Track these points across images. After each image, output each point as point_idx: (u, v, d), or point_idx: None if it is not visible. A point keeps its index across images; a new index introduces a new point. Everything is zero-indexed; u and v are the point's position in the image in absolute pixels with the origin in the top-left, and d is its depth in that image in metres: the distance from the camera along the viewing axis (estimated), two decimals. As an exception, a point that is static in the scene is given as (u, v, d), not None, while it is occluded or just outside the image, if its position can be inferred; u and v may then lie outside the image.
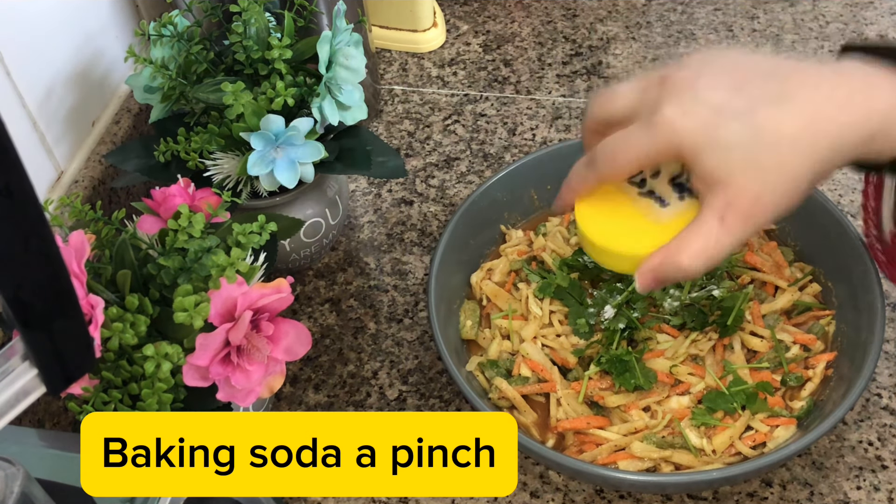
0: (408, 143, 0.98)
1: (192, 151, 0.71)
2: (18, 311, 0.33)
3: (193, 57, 0.73)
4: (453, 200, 0.92)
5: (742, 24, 1.08)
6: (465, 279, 0.80)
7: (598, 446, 0.68)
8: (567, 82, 1.03)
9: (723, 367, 0.71)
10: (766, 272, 0.76)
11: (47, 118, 0.78)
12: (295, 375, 0.79)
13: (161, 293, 0.59)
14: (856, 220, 0.86)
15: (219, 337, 0.56)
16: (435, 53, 1.08)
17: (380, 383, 0.78)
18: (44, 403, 0.72)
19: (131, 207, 0.67)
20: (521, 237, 0.82)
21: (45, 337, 0.35)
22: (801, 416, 0.68)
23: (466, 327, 0.76)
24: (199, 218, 0.58)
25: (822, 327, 0.73)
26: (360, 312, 0.83)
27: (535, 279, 0.77)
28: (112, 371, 0.56)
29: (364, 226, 0.90)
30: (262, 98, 0.70)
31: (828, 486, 0.69)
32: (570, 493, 0.70)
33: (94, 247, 0.61)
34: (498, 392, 0.71)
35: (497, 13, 1.13)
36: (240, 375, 0.57)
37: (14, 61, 0.73)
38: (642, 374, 0.69)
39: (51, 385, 0.37)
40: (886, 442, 0.71)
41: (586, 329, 0.73)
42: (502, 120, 0.99)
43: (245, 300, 0.57)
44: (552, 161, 0.83)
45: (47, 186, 0.79)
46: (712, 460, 0.67)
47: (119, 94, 0.89)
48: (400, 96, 1.03)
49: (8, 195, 0.30)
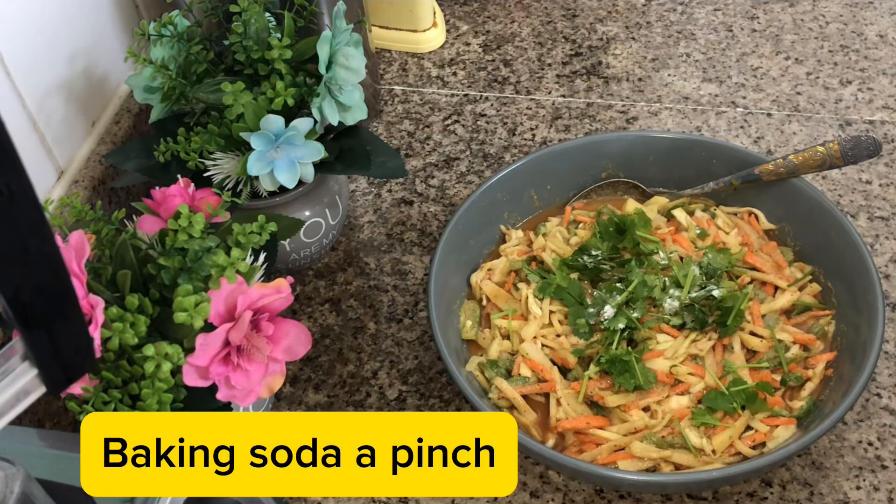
0: (408, 143, 0.98)
1: (192, 151, 0.71)
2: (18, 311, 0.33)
3: (193, 57, 0.73)
4: (453, 200, 0.92)
5: (742, 24, 1.08)
6: (465, 279, 0.80)
7: (598, 446, 0.68)
8: (567, 82, 1.03)
9: (723, 367, 0.71)
10: (766, 272, 0.76)
11: (47, 118, 0.78)
12: (295, 375, 0.79)
13: (161, 293, 0.59)
14: (856, 220, 0.86)
15: (219, 337, 0.56)
16: (435, 53, 1.08)
17: (380, 383, 0.78)
18: (44, 403, 0.72)
19: (131, 207, 0.67)
20: (520, 237, 0.82)
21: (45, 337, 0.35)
22: (801, 416, 0.68)
23: (466, 327, 0.76)
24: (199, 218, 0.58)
25: (822, 327, 0.73)
26: (360, 312, 0.83)
27: (535, 279, 0.77)
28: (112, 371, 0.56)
29: (364, 226, 0.90)
30: (262, 98, 0.70)
31: (828, 486, 0.69)
32: (570, 493, 0.70)
33: (94, 247, 0.61)
34: (498, 392, 0.71)
35: (497, 13, 1.13)
36: (240, 375, 0.57)
37: (14, 61, 0.73)
38: (642, 374, 0.69)
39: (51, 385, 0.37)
40: (886, 442, 0.71)
41: (586, 329, 0.73)
42: (502, 120, 0.99)
43: (245, 300, 0.57)
44: (552, 161, 0.83)
45: (47, 186, 0.79)
46: (712, 460, 0.67)
47: (119, 94, 0.89)
48: (400, 96, 1.03)
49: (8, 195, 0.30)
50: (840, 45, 1.05)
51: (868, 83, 1.00)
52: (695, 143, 0.84)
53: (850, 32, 1.06)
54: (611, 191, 0.85)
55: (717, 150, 0.83)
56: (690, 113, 0.98)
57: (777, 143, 0.94)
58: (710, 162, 0.83)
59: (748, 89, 1.00)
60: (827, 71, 1.02)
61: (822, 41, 1.06)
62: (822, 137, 0.94)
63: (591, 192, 0.85)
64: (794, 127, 0.96)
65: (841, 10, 1.09)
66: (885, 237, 0.85)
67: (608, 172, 0.85)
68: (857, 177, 0.90)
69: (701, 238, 0.79)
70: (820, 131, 0.95)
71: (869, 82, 1.00)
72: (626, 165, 0.85)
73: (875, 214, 0.87)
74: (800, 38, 1.06)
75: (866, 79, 1.00)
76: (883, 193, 0.89)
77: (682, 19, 1.10)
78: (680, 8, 1.11)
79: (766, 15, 1.09)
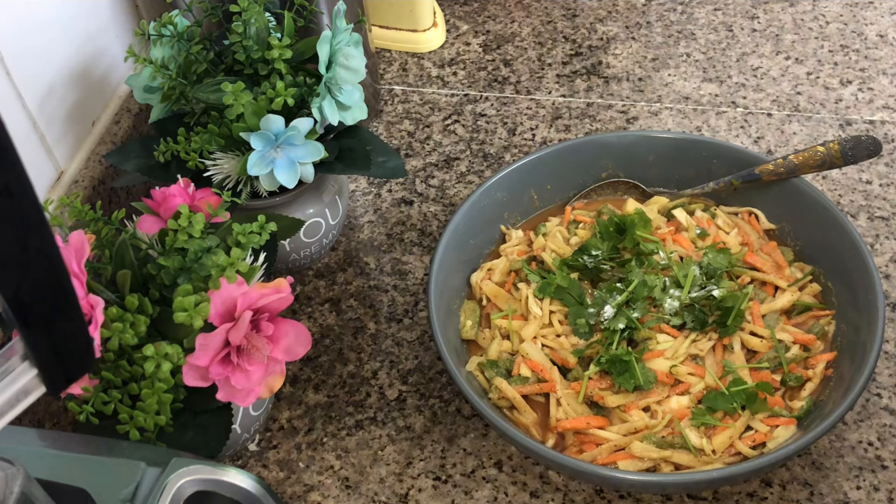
0: (408, 143, 0.98)
1: (192, 151, 0.71)
2: (18, 311, 0.33)
3: (193, 57, 0.73)
4: (453, 200, 0.92)
5: (742, 24, 1.08)
6: (465, 279, 0.80)
7: (598, 446, 0.68)
8: (567, 82, 1.03)
9: (723, 367, 0.71)
10: (766, 272, 0.76)
11: (47, 118, 0.78)
12: (295, 375, 0.79)
13: (161, 293, 0.59)
14: (856, 220, 0.86)
15: (219, 337, 0.56)
16: (435, 53, 1.08)
17: (380, 383, 0.78)
18: (44, 403, 0.72)
19: (131, 207, 0.67)
20: (521, 237, 0.82)
21: (45, 337, 0.35)
22: (800, 416, 0.68)
23: (466, 327, 0.76)
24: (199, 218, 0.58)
25: (822, 327, 0.73)
26: (360, 312, 0.83)
27: (535, 279, 0.77)
28: (112, 371, 0.56)
29: (364, 226, 0.90)
30: (262, 98, 0.70)
31: (828, 486, 0.69)
32: (570, 493, 0.70)
33: (94, 247, 0.61)
34: (498, 392, 0.71)
35: (497, 13, 1.13)
36: (240, 375, 0.57)
37: (14, 61, 0.73)
38: (642, 374, 0.69)
39: (51, 385, 0.37)
40: (886, 442, 0.71)
41: (586, 329, 0.73)
42: (502, 120, 0.99)
43: (245, 300, 0.57)
44: (552, 161, 0.83)
45: (47, 186, 0.79)
46: (712, 460, 0.67)
47: (119, 94, 0.89)
48: (400, 96, 1.03)
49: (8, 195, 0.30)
50: (840, 45, 1.05)
51: (868, 83, 1.00)
52: (695, 143, 0.84)
53: (851, 32, 1.06)
54: (611, 191, 0.85)
55: (718, 150, 0.83)
56: (690, 113, 0.98)
57: (777, 143, 0.94)
58: (711, 162, 0.83)
59: (748, 89, 1.00)
60: (827, 71, 1.02)
61: (822, 41, 1.06)
62: (823, 137, 0.94)
63: (591, 192, 0.85)
64: (795, 127, 0.96)
65: (841, 10, 1.09)
66: (886, 237, 0.85)
67: (608, 172, 0.85)
68: (857, 177, 0.90)
69: (701, 238, 0.79)
70: (820, 131, 0.95)
71: (869, 82, 1.00)
72: (626, 165, 0.85)
73: (875, 214, 0.87)
74: (800, 38, 1.06)
75: (866, 79, 1.00)
76: (883, 193, 0.88)
77: (682, 19, 1.10)
78: (680, 8, 1.11)
79: (766, 15, 1.09)
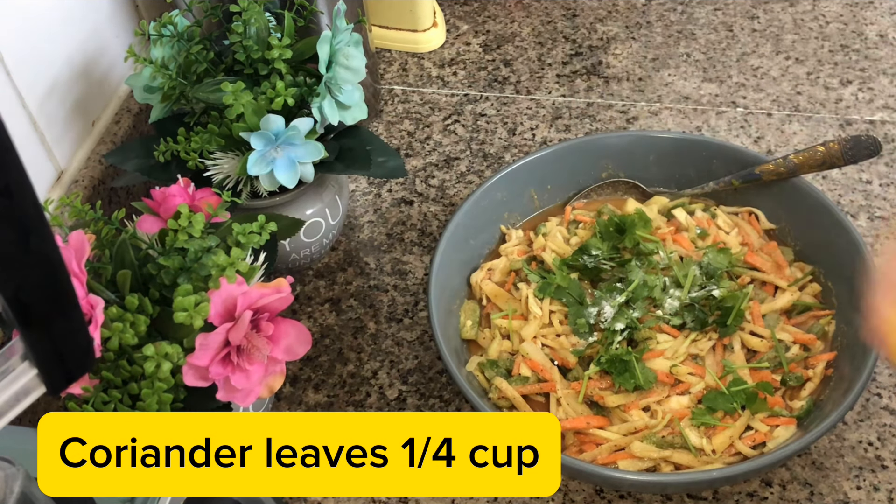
0: (408, 143, 0.98)
1: (192, 151, 0.71)
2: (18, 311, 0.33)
3: (193, 57, 0.73)
4: (453, 200, 0.92)
5: (742, 24, 1.08)
6: (465, 279, 0.80)
7: (598, 446, 0.68)
8: (567, 82, 1.03)
9: (723, 366, 0.71)
10: (766, 272, 0.76)
11: (47, 118, 0.78)
12: (295, 375, 0.79)
13: (161, 293, 0.59)
14: (856, 220, 0.86)
15: (219, 337, 0.56)
16: (435, 53, 1.08)
17: (380, 383, 0.78)
18: (44, 403, 0.72)
19: (131, 207, 0.67)
20: (521, 237, 0.82)
21: (45, 337, 0.35)
22: (801, 416, 0.68)
23: (466, 327, 0.76)
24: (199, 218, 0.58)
25: (822, 327, 0.73)
26: (360, 312, 0.83)
27: (535, 279, 0.77)
28: (112, 371, 0.56)
29: (364, 226, 0.90)
30: (262, 98, 0.70)
31: (828, 486, 0.69)
32: (570, 493, 0.70)
33: (94, 247, 0.61)
34: (498, 392, 0.71)
35: (497, 13, 1.13)
36: (240, 375, 0.57)
37: (14, 61, 0.73)
38: (642, 374, 0.69)
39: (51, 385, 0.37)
40: (886, 442, 0.71)
41: (586, 329, 0.73)
42: (502, 120, 0.99)
43: (245, 300, 0.57)
44: (552, 161, 0.83)
45: (47, 186, 0.79)
46: (712, 460, 0.67)
47: (119, 94, 0.89)
48: (400, 96, 1.03)
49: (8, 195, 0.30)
50: (840, 45, 1.05)
51: (868, 83, 1.00)
52: (695, 143, 0.84)
53: (851, 32, 1.06)
54: (611, 191, 0.85)
55: (718, 150, 0.83)
56: (691, 113, 0.98)
57: (777, 142, 0.94)
58: (711, 162, 0.83)
59: (748, 89, 1.00)
60: (827, 71, 1.02)
61: (822, 41, 1.05)
62: (823, 137, 0.94)
63: (591, 192, 0.85)
64: (795, 127, 0.96)
65: (841, 10, 1.09)
66: (886, 237, 0.85)
67: (608, 172, 0.85)
68: (857, 177, 0.90)
69: (701, 238, 0.79)
70: (820, 131, 0.95)
71: (869, 82, 1.00)
72: (626, 165, 0.84)
73: (875, 214, 0.87)
74: (800, 38, 1.06)
75: (866, 79, 1.00)
76: (883, 193, 0.88)
77: (682, 19, 1.10)
78: (680, 8, 1.11)
79: (766, 15, 1.09)
